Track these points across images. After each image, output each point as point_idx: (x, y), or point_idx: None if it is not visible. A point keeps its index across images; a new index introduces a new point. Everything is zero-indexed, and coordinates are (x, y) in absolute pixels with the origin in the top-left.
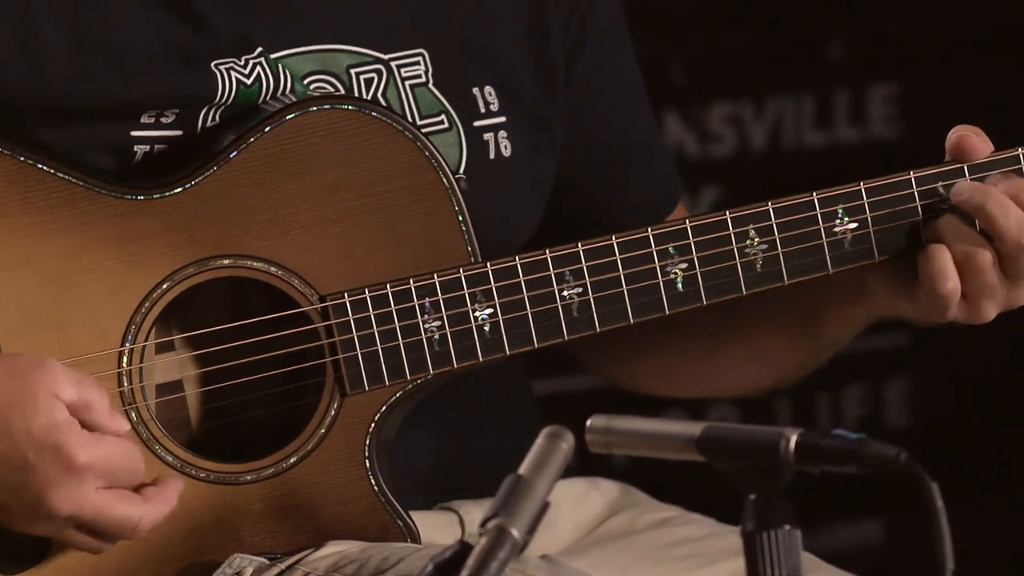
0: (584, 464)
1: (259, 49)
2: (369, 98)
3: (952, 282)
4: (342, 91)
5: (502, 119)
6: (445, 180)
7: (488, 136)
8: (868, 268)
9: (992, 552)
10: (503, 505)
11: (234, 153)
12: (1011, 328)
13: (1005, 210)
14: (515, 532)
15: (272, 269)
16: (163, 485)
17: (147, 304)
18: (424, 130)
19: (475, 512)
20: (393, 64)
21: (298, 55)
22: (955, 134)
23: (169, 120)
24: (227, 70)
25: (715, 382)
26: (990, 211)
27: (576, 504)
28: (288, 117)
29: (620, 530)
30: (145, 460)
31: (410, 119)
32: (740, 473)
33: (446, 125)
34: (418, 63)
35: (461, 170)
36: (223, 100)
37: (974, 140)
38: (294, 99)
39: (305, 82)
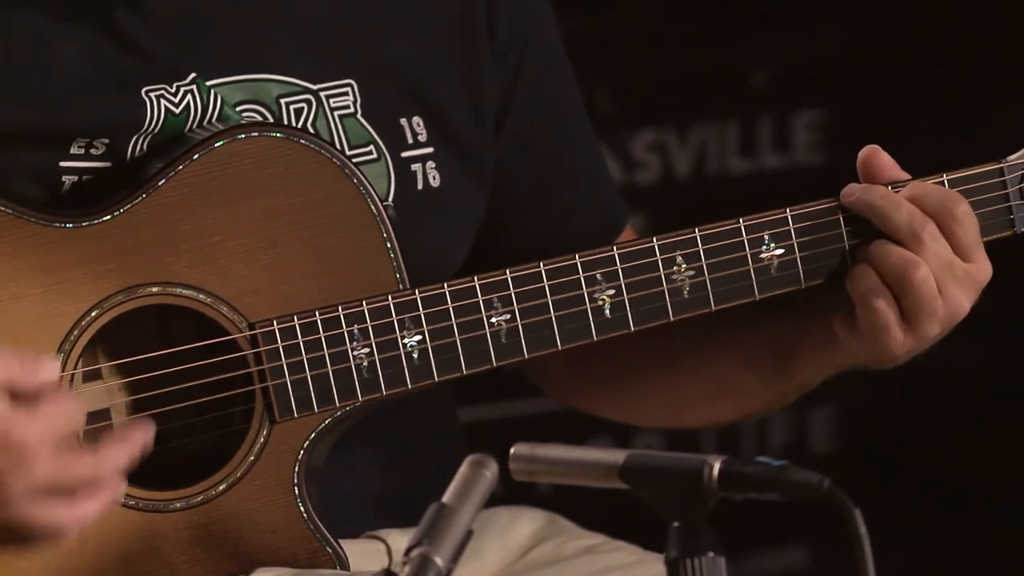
0: (510, 492)
1: (192, 75)
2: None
3: (884, 296)
4: (271, 120)
5: (430, 150)
6: (373, 207)
7: (416, 167)
8: (836, 319)
9: None
10: (426, 534)
11: (163, 181)
12: (934, 355)
13: (894, 203)
14: (438, 560)
15: (201, 296)
16: (122, 431)
17: (76, 332)
18: (353, 160)
19: (402, 541)
20: (322, 94)
21: (228, 84)
22: (865, 150)
23: (99, 152)
24: (157, 97)
25: (683, 413)
26: (881, 207)
27: (502, 533)
28: (217, 144)
29: (546, 558)
30: None
31: (339, 149)
32: (664, 501)
33: (374, 155)
34: (347, 93)
35: (389, 200)
36: (151, 128)
37: (883, 156)
38: (222, 126)
39: (237, 110)
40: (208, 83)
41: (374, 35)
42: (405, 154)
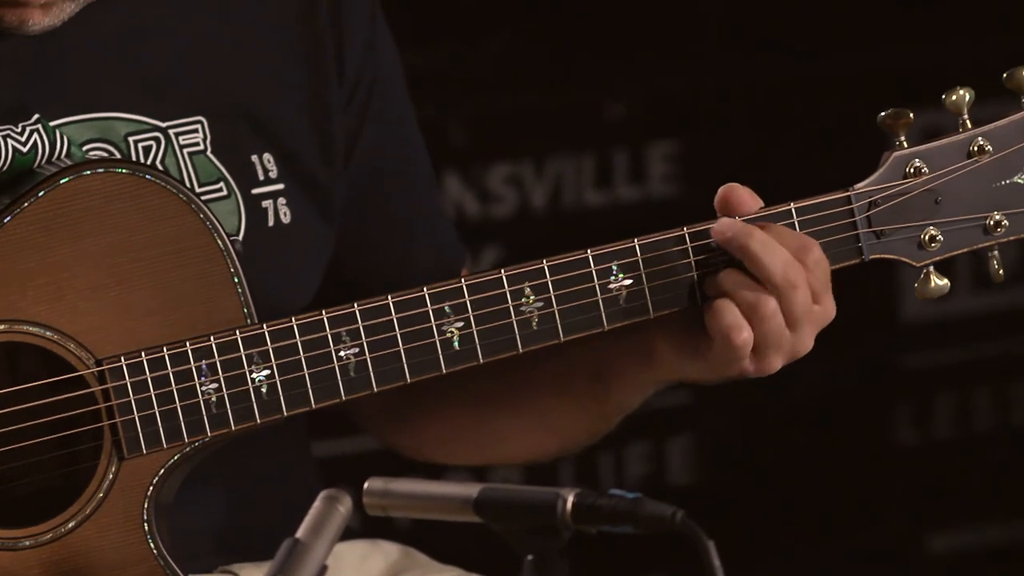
0: (368, 526)
1: (36, 116)
2: None
3: (746, 332)
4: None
5: (280, 186)
6: (220, 242)
7: (267, 203)
8: (656, 334)
9: None
10: (280, 569)
11: (8, 218)
12: (792, 383)
13: (770, 248)
14: None
15: (48, 334)
16: None
17: None
18: (203, 198)
19: None
20: (171, 132)
21: (76, 123)
22: (723, 188)
23: None
24: (3, 137)
25: (503, 449)
26: (755, 251)
27: (357, 566)
28: (62, 181)
29: None
30: None
31: (188, 187)
32: (518, 534)
33: (224, 192)
34: (196, 131)
35: (240, 237)
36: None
37: (741, 192)
38: (71, 163)
39: (84, 149)
40: (54, 123)
41: (224, 73)
42: (256, 191)
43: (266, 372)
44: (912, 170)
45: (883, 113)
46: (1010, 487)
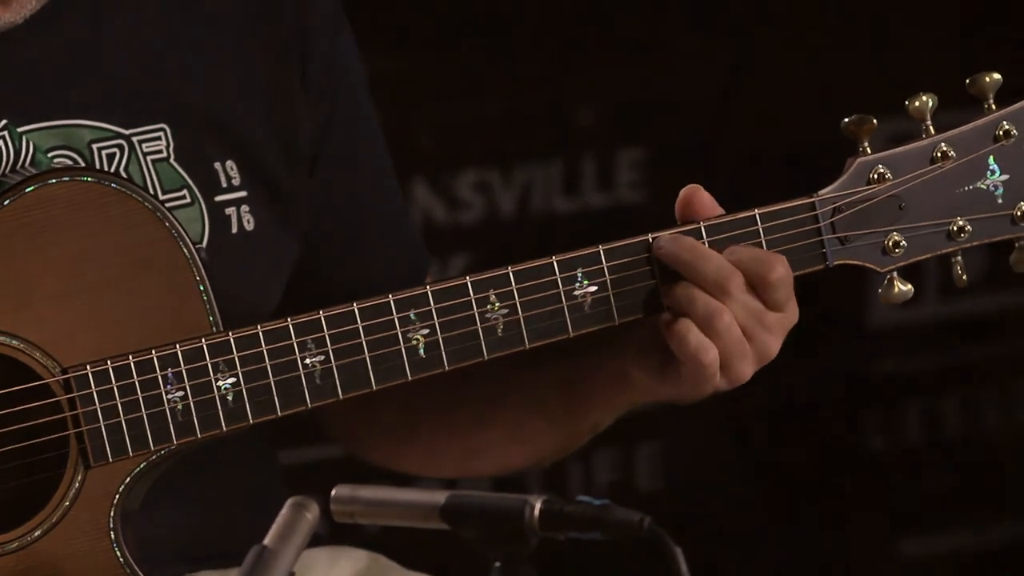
0: (336, 533)
1: (4, 121)
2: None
3: (713, 350)
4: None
5: (243, 193)
6: (185, 250)
7: (230, 210)
8: (630, 359)
9: None
10: None
11: None
12: (761, 390)
13: (702, 257)
14: None
15: (13, 342)
16: None
17: None
18: (166, 205)
19: None
20: (135, 139)
21: (40, 130)
22: (685, 189)
23: None
24: None
25: (477, 462)
26: (689, 261)
27: (325, 573)
28: (27, 190)
29: None
30: None
31: (152, 194)
32: (485, 540)
33: (188, 200)
34: (159, 138)
35: (204, 244)
36: None
37: (703, 196)
38: (35, 170)
39: (49, 156)
40: (22, 129)
41: (187, 79)
42: (219, 198)
43: (232, 380)
44: (876, 176)
45: (846, 119)
46: (981, 492)
